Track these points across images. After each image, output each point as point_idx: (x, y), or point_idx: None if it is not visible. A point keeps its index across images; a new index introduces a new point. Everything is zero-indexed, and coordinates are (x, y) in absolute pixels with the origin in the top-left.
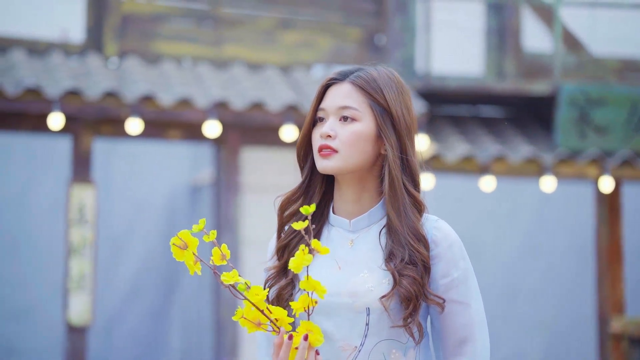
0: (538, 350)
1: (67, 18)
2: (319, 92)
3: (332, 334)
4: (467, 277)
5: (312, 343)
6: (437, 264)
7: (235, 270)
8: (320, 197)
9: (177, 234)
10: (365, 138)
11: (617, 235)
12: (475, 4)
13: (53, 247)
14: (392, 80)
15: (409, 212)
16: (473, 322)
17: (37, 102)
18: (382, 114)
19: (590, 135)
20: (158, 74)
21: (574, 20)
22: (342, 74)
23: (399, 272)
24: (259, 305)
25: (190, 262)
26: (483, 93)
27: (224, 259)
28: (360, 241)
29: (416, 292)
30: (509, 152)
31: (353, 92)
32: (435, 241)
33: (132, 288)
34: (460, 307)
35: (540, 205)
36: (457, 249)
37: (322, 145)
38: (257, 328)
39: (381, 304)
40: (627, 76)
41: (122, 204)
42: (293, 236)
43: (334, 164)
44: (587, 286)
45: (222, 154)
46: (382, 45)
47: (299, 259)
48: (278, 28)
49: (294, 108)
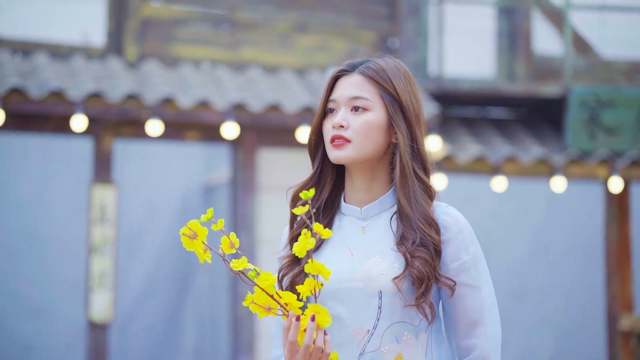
0: (547, 348)
1: (88, 22)
2: (328, 84)
3: (345, 319)
4: (477, 261)
5: (320, 324)
6: (448, 248)
7: (244, 257)
8: (331, 188)
9: (187, 224)
10: (377, 127)
11: (626, 235)
12: (486, 8)
13: (73, 246)
14: (399, 71)
15: (420, 198)
16: (484, 305)
17: (61, 104)
18: (392, 103)
19: (600, 136)
20: (177, 76)
21: (583, 24)
22: (351, 65)
23: (410, 254)
24: (268, 290)
25: (200, 250)
26: (494, 95)
27: (233, 247)
28: (371, 228)
29: (428, 272)
30: (520, 153)
31: (363, 83)
32: (446, 226)
33: (146, 287)
34: (471, 291)
35: (551, 205)
36: (467, 234)
37: (335, 136)
38: (268, 312)
39: (394, 285)
40: (636, 78)
41: (137, 203)
42: (305, 226)
43: (347, 154)
44: (596, 285)
45: (239, 155)
46: (395, 48)
47: (302, 243)
48: (294, 31)
49: (309, 110)
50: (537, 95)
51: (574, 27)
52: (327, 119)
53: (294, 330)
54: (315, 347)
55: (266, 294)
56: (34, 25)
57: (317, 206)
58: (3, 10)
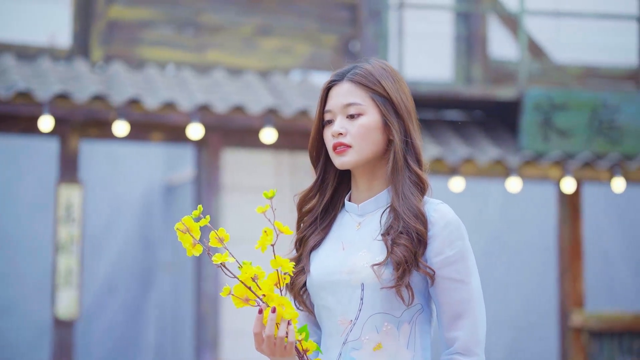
0: (503, 346)
1: (54, 24)
2: (321, 96)
3: (333, 309)
4: (463, 256)
5: (283, 315)
6: (432, 243)
7: (227, 252)
8: (332, 190)
9: (181, 220)
10: (373, 129)
11: (577, 234)
12: (444, 13)
13: (39, 245)
14: (386, 71)
15: (408, 192)
16: (468, 298)
17: (28, 105)
18: (384, 104)
19: (553, 138)
20: (143, 78)
21: (538, 29)
22: (340, 74)
23: (392, 241)
24: (246, 282)
25: (189, 244)
26: (452, 98)
27: (221, 242)
28: (366, 223)
29: (407, 257)
30: (477, 154)
31: (354, 89)
32: (432, 222)
33: (109, 285)
34: (456, 284)
35: (506, 205)
36: (454, 229)
37: (336, 144)
38: (245, 304)
39: (373, 272)
40: (588, 82)
41: (100, 203)
42: (308, 230)
43: (350, 159)
44: (550, 283)
45: (203, 155)
46: (357, 52)
47: (262, 240)
48: (258, 35)
49: (273, 111)
50: (493, 98)
51: (529, 32)
52: (326, 128)
53: (257, 323)
54: (278, 337)
55: (244, 285)
56: (0, 26)
57: (321, 207)
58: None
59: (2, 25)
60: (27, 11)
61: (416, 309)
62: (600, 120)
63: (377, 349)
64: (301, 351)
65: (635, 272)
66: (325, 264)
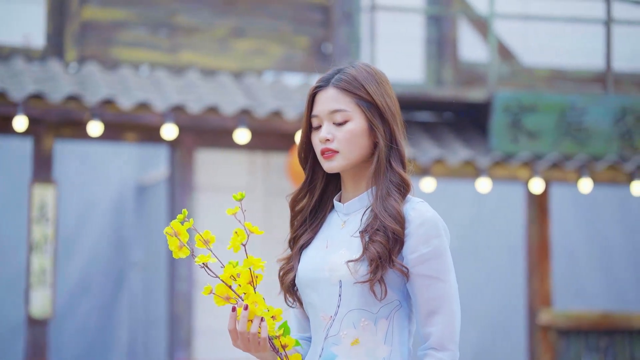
0: (472, 344)
1: (28, 24)
2: (308, 101)
3: (316, 305)
4: (438, 254)
5: (256, 313)
6: (408, 240)
7: (210, 253)
8: (321, 190)
9: (170, 224)
10: (359, 134)
11: (545, 233)
12: (416, 16)
13: (12, 244)
14: (369, 74)
15: (386, 194)
16: (443, 295)
17: (2, 105)
18: (369, 109)
19: (522, 140)
20: (117, 79)
21: (507, 32)
22: (325, 80)
23: (369, 239)
24: (227, 281)
25: (175, 247)
26: (423, 99)
27: (206, 243)
28: (350, 222)
29: (380, 254)
30: (448, 155)
31: (339, 95)
32: (409, 220)
33: (81, 284)
34: (430, 281)
35: (476, 205)
36: (430, 228)
37: (324, 149)
38: (226, 302)
39: (348, 269)
40: (557, 84)
41: (73, 202)
42: (300, 229)
43: (337, 164)
44: (518, 281)
45: (177, 155)
46: (329, 54)
47: (233, 240)
48: (231, 36)
49: (246, 112)
50: (464, 99)
51: (498, 35)
52: (313, 133)
53: (231, 320)
54: (250, 333)
55: (225, 285)
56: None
57: (311, 207)
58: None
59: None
60: (1, 11)
61: (394, 305)
62: (568, 122)
63: (354, 344)
64: (277, 346)
65: (601, 271)
66: (310, 261)
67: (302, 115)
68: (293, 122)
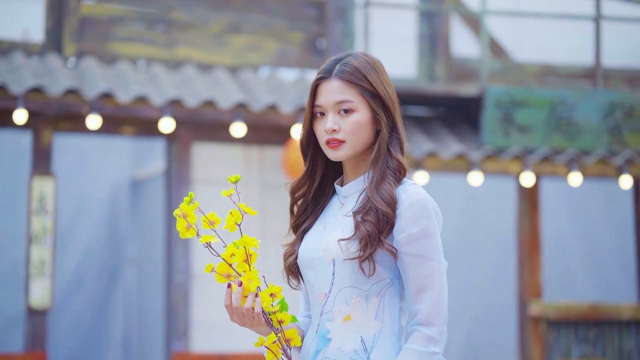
0: (463, 335)
1: (27, 19)
2: (311, 91)
3: (314, 284)
4: (427, 234)
5: (250, 289)
6: (398, 221)
7: (213, 234)
8: (321, 177)
9: (180, 206)
10: (365, 124)
11: (536, 226)
12: (409, 12)
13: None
14: (369, 64)
15: (380, 178)
16: (431, 273)
17: (2, 98)
18: (373, 99)
19: (513, 134)
20: (115, 73)
21: (499, 29)
22: (328, 70)
23: (361, 218)
24: (228, 260)
25: (182, 228)
26: (416, 94)
27: (212, 225)
28: (347, 204)
29: (370, 233)
30: (440, 149)
31: (344, 86)
32: (400, 201)
33: (76, 277)
34: (418, 260)
35: (468, 198)
36: (418, 209)
37: (330, 139)
38: (226, 279)
39: (340, 248)
40: (547, 80)
41: (69, 196)
42: (302, 215)
43: (344, 153)
44: (509, 274)
45: (174, 149)
46: (324, 49)
47: (228, 220)
48: (227, 32)
49: (243, 106)
50: (456, 95)
51: (490, 31)
52: (316, 121)
53: (227, 296)
54: (245, 308)
55: (227, 263)
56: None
57: (312, 193)
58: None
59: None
60: (0, 7)
61: (385, 283)
62: (559, 116)
63: (346, 320)
64: (273, 321)
65: (591, 263)
66: (309, 243)
67: (297, 109)
68: (288, 117)
